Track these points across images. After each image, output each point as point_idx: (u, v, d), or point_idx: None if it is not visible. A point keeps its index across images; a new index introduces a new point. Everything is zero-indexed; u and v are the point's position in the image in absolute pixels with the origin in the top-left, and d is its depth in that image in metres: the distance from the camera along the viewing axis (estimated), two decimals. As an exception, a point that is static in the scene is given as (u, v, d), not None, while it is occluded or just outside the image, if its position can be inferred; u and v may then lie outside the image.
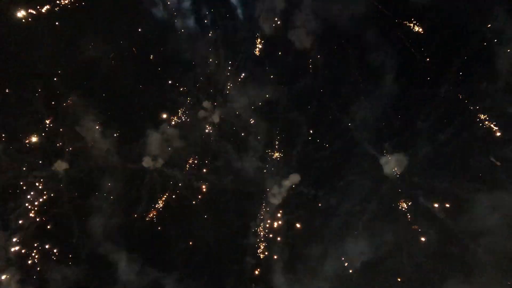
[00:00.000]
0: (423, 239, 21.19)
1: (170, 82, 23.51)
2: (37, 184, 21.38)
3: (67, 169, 21.80)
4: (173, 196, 23.01)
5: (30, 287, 20.64)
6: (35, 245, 21.18)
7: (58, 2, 21.81)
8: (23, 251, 20.91)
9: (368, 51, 22.41)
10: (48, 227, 21.59)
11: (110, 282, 21.58)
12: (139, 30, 23.48)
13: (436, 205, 21.14)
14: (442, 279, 20.45)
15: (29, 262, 20.92)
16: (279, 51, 23.67)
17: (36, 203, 21.33)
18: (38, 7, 21.75)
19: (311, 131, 23.15)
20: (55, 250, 21.47)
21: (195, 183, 23.13)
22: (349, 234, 22.05)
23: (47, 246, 21.37)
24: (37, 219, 21.35)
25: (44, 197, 21.51)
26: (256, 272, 22.42)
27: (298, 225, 22.75)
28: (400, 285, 21.24)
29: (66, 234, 21.72)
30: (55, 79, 22.27)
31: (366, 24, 22.47)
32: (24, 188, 21.21)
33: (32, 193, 21.34)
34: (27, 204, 21.13)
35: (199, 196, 23.10)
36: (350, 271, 21.77)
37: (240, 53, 23.81)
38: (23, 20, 21.66)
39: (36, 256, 21.07)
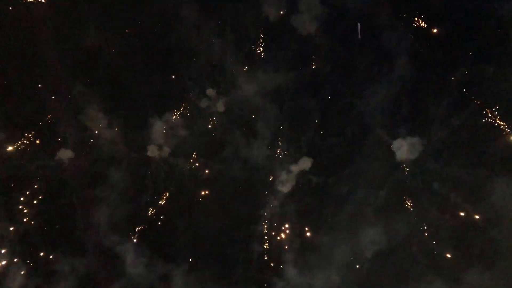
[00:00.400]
0: (438, 227, 20.51)
1: (175, 70, 23.11)
2: (40, 174, 21.04)
3: (71, 158, 21.44)
4: (180, 186, 22.64)
5: (37, 279, 20.31)
6: (40, 237, 20.83)
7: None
8: (28, 243, 20.56)
9: (379, 35, 21.75)
10: (53, 218, 21.22)
11: (117, 275, 21.12)
12: (143, 18, 23.09)
13: (452, 192, 20.42)
14: (460, 269, 19.72)
15: (35, 254, 20.56)
16: (286, 36, 23.09)
17: (40, 193, 20.97)
18: (40, -4, 21.42)
19: (321, 117, 22.57)
20: (60, 242, 21.08)
21: (202, 172, 22.70)
22: (360, 223, 21.46)
23: (52, 238, 21.01)
24: (42, 210, 20.98)
25: (48, 188, 21.15)
26: (265, 262, 21.95)
27: (307, 214, 22.21)
28: (414, 275, 20.57)
29: (72, 226, 21.33)
30: (58, 68, 21.91)
31: (376, 6, 21.77)
32: (27, 178, 20.86)
33: (35, 183, 21.00)
34: (30, 195, 20.78)
35: (206, 185, 22.70)
36: (361, 261, 21.20)
37: (246, 39, 23.28)
38: (26, 9, 21.35)
39: (41, 248, 20.73)
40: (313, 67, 22.74)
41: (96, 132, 21.98)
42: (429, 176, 20.93)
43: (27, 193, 20.81)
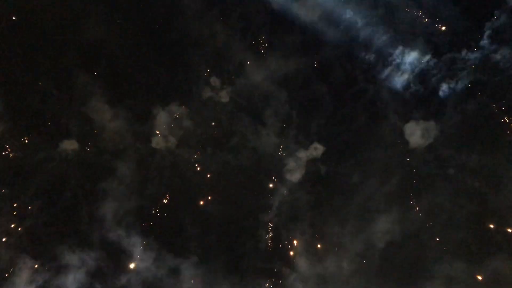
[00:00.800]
0: (455, 215, 19.88)
1: (179, 60, 22.65)
2: (45, 166, 20.59)
3: (75, 149, 21.00)
4: (186, 177, 22.14)
5: (44, 274, 19.99)
6: (46, 231, 20.43)
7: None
8: (34, 237, 20.12)
9: (391, 17, 21.07)
10: (58, 212, 20.69)
11: (124, 269, 20.69)
12: (146, 8, 22.62)
13: (469, 178, 19.76)
14: (478, 258, 19.11)
15: (42, 249, 20.14)
16: (292, 22, 22.47)
17: (44, 186, 20.51)
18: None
19: (332, 103, 22.07)
20: (67, 237, 20.53)
21: (209, 162, 22.22)
22: (372, 212, 20.98)
23: (58, 233, 20.56)
24: (47, 204, 20.52)
25: (53, 180, 20.66)
26: (274, 252, 21.55)
27: (317, 203, 21.69)
28: (428, 263, 20.02)
29: (77, 219, 20.86)
30: (63, 58, 21.50)
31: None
32: (32, 170, 20.38)
33: (40, 176, 20.54)
34: (35, 188, 20.31)
35: (213, 176, 22.22)
36: (373, 250, 20.70)
37: (251, 27, 22.77)
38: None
39: (49, 243, 20.32)
40: (323, 52, 22.13)
41: (100, 123, 21.48)
42: (444, 162, 20.37)
43: (32, 186, 20.40)
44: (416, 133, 20.23)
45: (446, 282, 19.29)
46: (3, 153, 20.32)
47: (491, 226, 19.26)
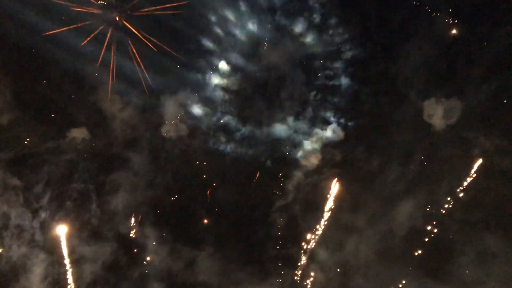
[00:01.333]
0: (481, 198, 19.27)
1: (189, 44, 21.88)
2: (55, 155, 20.05)
3: (85, 138, 20.45)
4: (201, 165, 21.74)
5: (60, 269, 19.66)
6: (60, 224, 19.93)
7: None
8: (48, 231, 19.66)
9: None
10: (72, 204, 20.28)
11: (140, 263, 20.56)
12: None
13: (496, 159, 19.03)
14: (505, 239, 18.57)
15: (55, 242, 19.70)
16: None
17: (56, 176, 19.98)
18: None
19: (352, 84, 21.25)
20: (81, 229, 20.11)
21: (222, 149, 21.81)
22: (393, 198, 20.37)
23: (72, 225, 20.09)
24: (60, 195, 20.03)
25: (64, 171, 20.15)
26: (290, 240, 21.23)
27: (336, 188, 20.94)
28: (448, 250, 19.52)
29: (89, 212, 20.41)
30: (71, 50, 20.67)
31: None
32: (43, 160, 19.82)
33: (51, 165, 19.98)
34: (47, 179, 19.78)
35: (226, 163, 21.79)
36: (394, 237, 20.27)
37: (264, 7, 21.90)
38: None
39: (62, 237, 19.87)
40: (341, 29, 21.22)
41: (109, 112, 20.86)
42: (467, 144, 19.70)
43: (44, 176, 19.87)
44: (438, 114, 19.43)
45: (472, 263, 18.92)
46: (14, 143, 19.91)
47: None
